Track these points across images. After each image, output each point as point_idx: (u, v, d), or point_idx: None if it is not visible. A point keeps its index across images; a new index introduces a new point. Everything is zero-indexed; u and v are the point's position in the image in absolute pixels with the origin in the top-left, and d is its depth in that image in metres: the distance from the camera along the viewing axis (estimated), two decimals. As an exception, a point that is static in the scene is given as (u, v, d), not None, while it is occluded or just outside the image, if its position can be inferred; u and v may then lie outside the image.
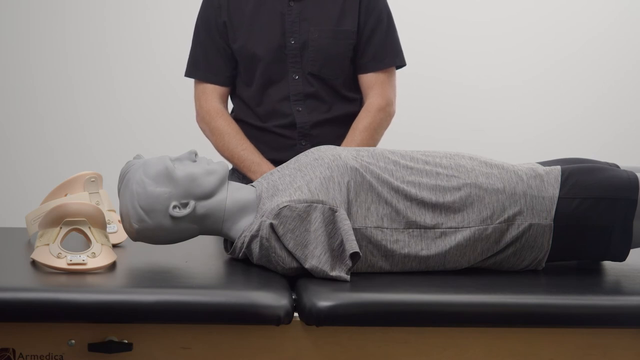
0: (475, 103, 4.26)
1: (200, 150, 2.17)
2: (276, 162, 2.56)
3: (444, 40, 4.24)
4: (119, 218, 2.15)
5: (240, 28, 2.65)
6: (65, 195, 2.32)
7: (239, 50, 2.65)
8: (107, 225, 2.17)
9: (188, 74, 2.75)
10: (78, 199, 2.26)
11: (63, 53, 4.18)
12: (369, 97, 2.67)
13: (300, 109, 2.65)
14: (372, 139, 2.64)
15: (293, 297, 1.88)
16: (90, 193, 2.31)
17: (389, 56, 2.69)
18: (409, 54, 2.78)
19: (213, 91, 2.70)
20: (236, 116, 2.73)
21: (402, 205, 2.05)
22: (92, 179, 2.32)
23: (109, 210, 2.30)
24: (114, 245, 2.18)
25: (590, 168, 2.15)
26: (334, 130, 2.66)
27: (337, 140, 2.62)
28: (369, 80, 2.67)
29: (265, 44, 2.63)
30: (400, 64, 2.72)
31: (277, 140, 2.67)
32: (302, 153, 2.18)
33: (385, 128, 2.69)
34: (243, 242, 2.05)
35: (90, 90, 4.19)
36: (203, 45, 2.70)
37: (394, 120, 2.73)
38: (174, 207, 2.03)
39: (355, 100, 2.71)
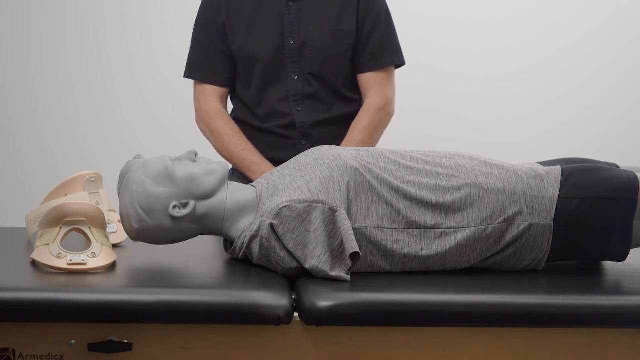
0: (475, 103, 4.26)
1: (200, 150, 2.17)
2: (276, 162, 2.56)
3: (444, 40, 4.24)
4: (119, 218, 2.15)
5: (239, 29, 2.65)
6: (65, 195, 2.32)
7: (237, 51, 2.66)
8: (107, 225, 2.17)
9: (187, 75, 2.75)
10: (78, 199, 2.26)
11: (63, 53, 4.18)
12: (368, 97, 2.67)
13: (299, 109, 2.65)
14: (372, 138, 2.64)
15: (293, 297, 1.88)
16: (90, 193, 2.31)
17: (388, 55, 2.68)
18: (408, 53, 2.78)
19: (212, 92, 2.70)
20: (236, 117, 2.73)
21: (402, 205, 2.05)
22: (92, 179, 2.32)
23: (109, 210, 2.30)
24: (114, 245, 2.18)
25: (590, 168, 2.15)
26: (334, 130, 2.66)
27: (337, 140, 2.62)
28: (368, 80, 2.67)
29: (264, 44, 2.63)
30: (400, 62, 2.72)
31: (277, 140, 2.67)
32: (302, 153, 2.18)
33: (385, 127, 2.69)
34: (243, 242, 2.05)
35: (90, 90, 4.19)
36: (202, 46, 2.70)
37: (393, 120, 2.73)
38: (174, 207, 2.03)
39: (355, 100, 2.70)
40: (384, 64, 2.68)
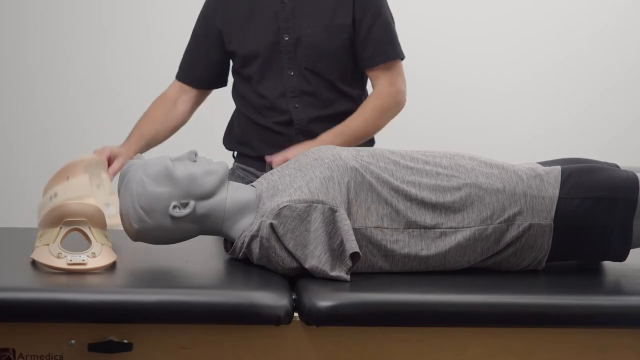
0: (475, 103, 4.26)
1: (200, 151, 2.17)
2: (275, 162, 2.56)
3: (444, 41, 4.23)
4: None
5: (236, 27, 2.66)
6: (67, 178, 2.29)
7: (235, 48, 2.67)
8: (108, 208, 2.16)
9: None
10: (79, 185, 2.24)
11: (63, 53, 4.18)
12: (378, 86, 2.67)
13: (297, 105, 2.65)
14: (380, 120, 2.64)
15: (293, 297, 1.88)
16: (91, 176, 2.29)
17: (392, 48, 2.67)
18: (408, 54, 2.77)
19: (177, 85, 2.80)
20: (239, 111, 2.74)
21: (402, 205, 2.05)
22: (93, 163, 2.30)
23: (110, 194, 2.28)
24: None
25: (590, 168, 2.15)
26: (332, 127, 2.66)
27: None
28: (377, 74, 2.67)
29: (260, 41, 2.64)
30: (402, 55, 2.71)
31: (276, 138, 2.67)
32: (302, 153, 2.18)
33: (393, 115, 2.68)
34: (243, 242, 2.05)
35: (90, 91, 4.19)
36: (189, 47, 2.78)
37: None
38: (174, 207, 2.03)
39: (353, 96, 2.70)
40: (389, 58, 2.67)
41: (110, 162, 2.55)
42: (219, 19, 2.68)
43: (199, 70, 2.77)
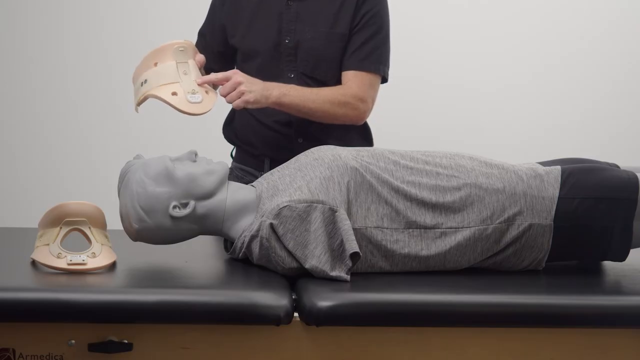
0: (475, 103, 4.26)
1: (200, 151, 2.17)
2: (274, 161, 2.56)
3: (444, 42, 4.23)
4: (206, 89, 2.18)
5: (241, 23, 2.66)
6: (155, 64, 2.27)
7: (238, 43, 2.67)
8: (192, 95, 2.14)
9: None
10: (166, 72, 2.21)
11: (63, 52, 4.18)
12: (347, 83, 2.59)
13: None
14: (329, 112, 2.54)
15: (293, 297, 1.89)
16: (178, 62, 2.26)
17: (374, 62, 2.62)
18: (409, 57, 2.76)
19: None
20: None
21: (402, 205, 2.05)
22: (181, 49, 2.26)
23: (195, 81, 2.25)
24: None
25: (590, 168, 2.15)
26: (330, 129, 2.65)
27: (334, 139, 2.60)
28: (349, 76, 2.61)
29: (262, 40, 2.63)
30: (383, 74, 2.66)
31: (274, 137, 2.67)
32: (302, 153, 2.19)
33: (345, 119, 2.56)
34: (243, 242, 2.05)
35: (90, 90, 4.19)
36: (198, 37, 2.73)
37: (394, 120, 2.71)
38: (174, 207, 2.03)
39: None
40: (366, 68, 2.63)
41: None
42: (226, 9, 2.67)
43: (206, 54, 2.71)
